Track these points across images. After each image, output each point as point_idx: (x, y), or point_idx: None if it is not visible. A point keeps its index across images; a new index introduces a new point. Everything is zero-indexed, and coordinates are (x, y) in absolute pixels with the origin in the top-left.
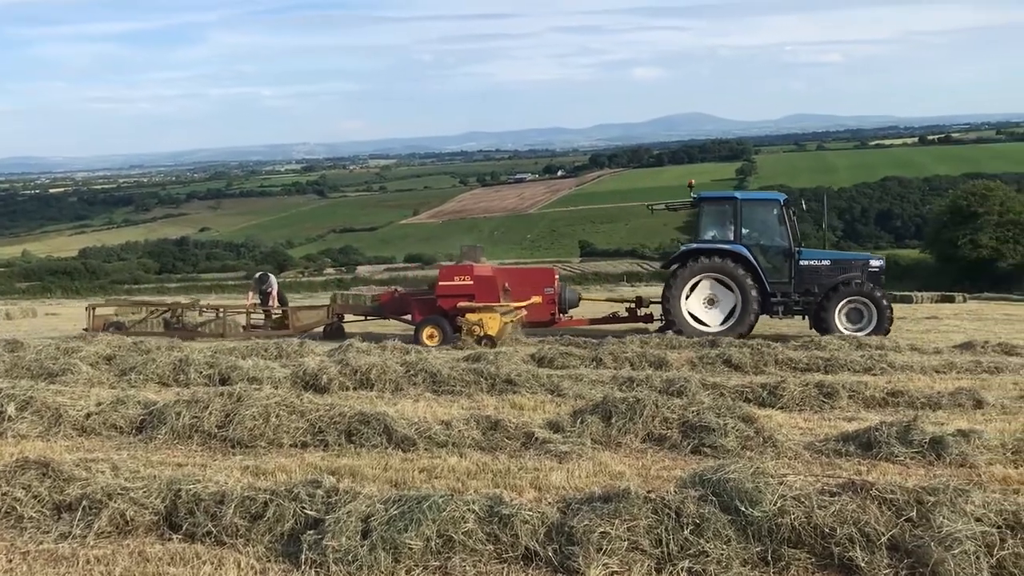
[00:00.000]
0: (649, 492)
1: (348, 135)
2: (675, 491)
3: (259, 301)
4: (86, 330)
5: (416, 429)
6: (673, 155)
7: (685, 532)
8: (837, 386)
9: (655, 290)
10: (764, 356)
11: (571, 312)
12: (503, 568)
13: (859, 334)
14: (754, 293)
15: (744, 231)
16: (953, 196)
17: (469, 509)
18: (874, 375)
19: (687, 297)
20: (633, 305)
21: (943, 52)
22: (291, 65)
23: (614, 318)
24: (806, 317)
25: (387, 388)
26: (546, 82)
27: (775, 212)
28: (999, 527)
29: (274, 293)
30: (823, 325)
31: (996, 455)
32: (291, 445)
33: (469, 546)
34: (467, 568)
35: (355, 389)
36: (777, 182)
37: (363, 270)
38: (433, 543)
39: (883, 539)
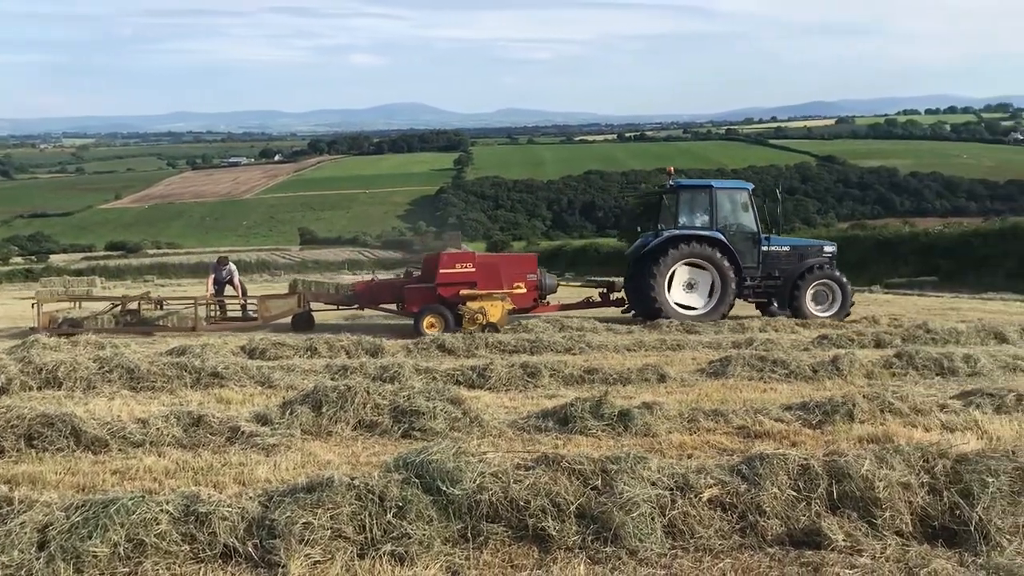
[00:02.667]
0: (353, 479)
1: (39, 111)
2: (379, 476)
3: (215, 291)
4: (33, 329)
5: (108, 429)
6: (393, 143)
7: (388, 516)
8: (540, 366)
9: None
10: (476, 340)
11: (547, 298)
12: (200, 568)
13: (825, 314)
14: (732, 277)
15: (719, 218)
16: (645, 190)
17: (162, 510)
18: (574, 355)
19: (669, 281)
20: (605, 290)
21: (638, 56)
22: None
23: (588, 303)
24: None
25: (78, 386)
26: (262, 63)
27: (744, 200)
28: (671, 489)
29: (236, 281)
30: (796, 306)
31: (675, 424)
32: None
33: (162, 548)
34: (160, 571)
35: (40, 389)
36: (492, 173)
37: (57, 259)
38: (122, 548)
39: (572, 508)
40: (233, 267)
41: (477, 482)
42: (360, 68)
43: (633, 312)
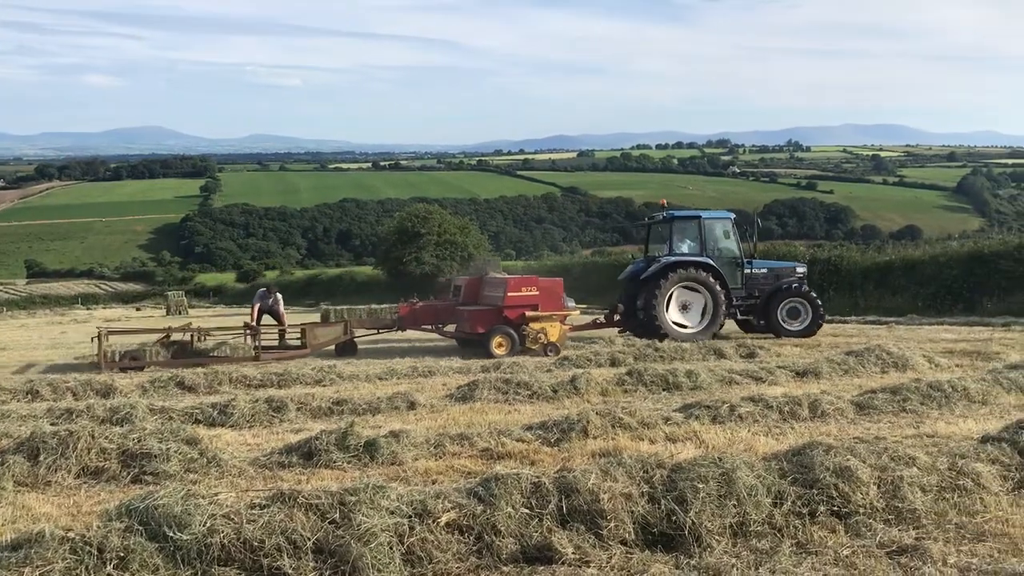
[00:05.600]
0: (68, 531)
1: None
2: (99, 526)
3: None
4: (95, 364)
5: None
6: (133, 169)
7: (108, 568)
8: (287, 400)
9: (113, 312)
10: (219, 376)
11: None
12: None
13: (796, 329)
14: (723, 298)
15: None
16: (399, 218)
17: None
18: (323, 386)
19: (667, 303)
20: (609, 311)
21: (392, 86)
22: None
23: (595, 324)
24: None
25: None
26: None
27: (728, 228)
28: (410, 516)
29: (280, 309)
30: (771, 322)
31: (421, 451)
32: None
33: None
34: None
35: None
36: (242, 200)
37: None
38: None
39: (309, 544)
40: (279, 296)
41: (207, 525)
42: (95, 89)
43: (627, 332)
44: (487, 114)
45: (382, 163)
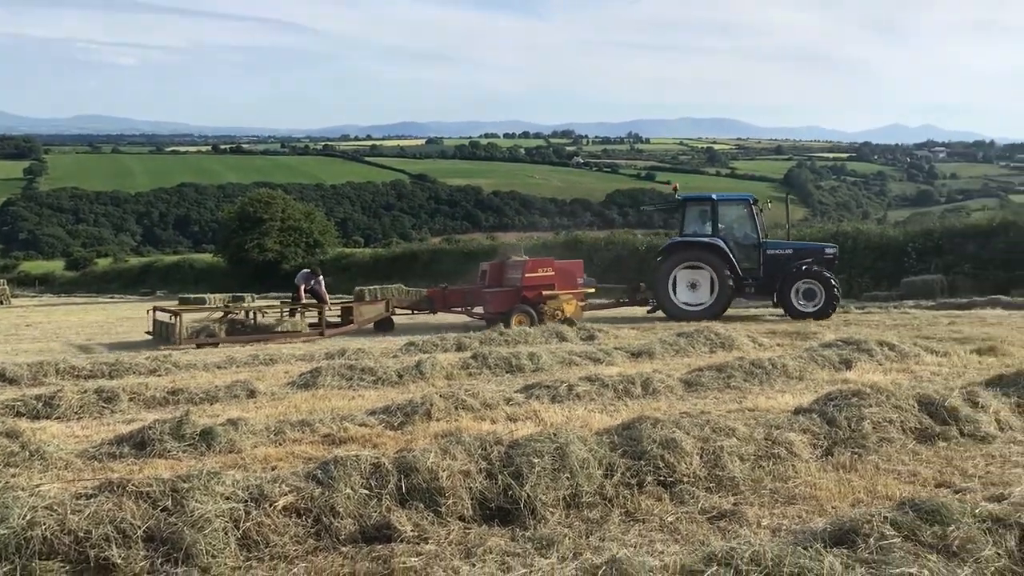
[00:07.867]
0: None
1: None
2: None
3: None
4: (168, 338)
5: None
6: None
7: None
8: (118, 390)
9: None
10: (44, 367)
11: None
12: None
13: (812, 310)
14: (728, 278)
15: (721, 226)
16: (241, 203)
17: None
18: (158, 376)
19: (674, 282)
20: (629, 291)
21: (234, 68)
22: None
23: (619, 303)
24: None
25: None
26: None
27: (745, 210)
28: (246, 502)
29: (323, 290)
30: (785, 303)
31: (261, 438)
32: None
33: None
34: None
35: None
36: (71, 183)
37: None
38: None
39: (139, 532)
40: (322, 278)
41: (27, 518)
42: None
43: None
44: (333, 99)
45: (223, 146)
